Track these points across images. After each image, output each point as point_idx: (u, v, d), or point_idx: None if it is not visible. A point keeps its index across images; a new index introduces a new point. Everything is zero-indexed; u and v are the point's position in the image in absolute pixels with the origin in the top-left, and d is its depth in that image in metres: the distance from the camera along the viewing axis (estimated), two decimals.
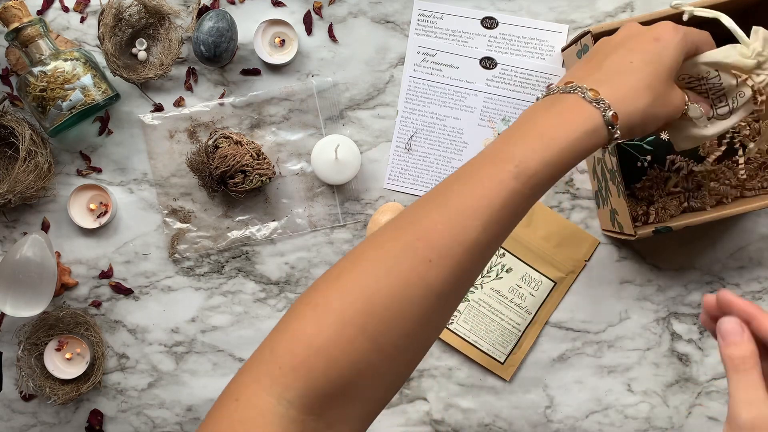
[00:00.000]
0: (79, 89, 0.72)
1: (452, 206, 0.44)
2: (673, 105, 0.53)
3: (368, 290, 0.42)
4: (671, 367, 0.78)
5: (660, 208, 0.72)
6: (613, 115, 0.47)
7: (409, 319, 0.43)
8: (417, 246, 0.43)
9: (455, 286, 0.44)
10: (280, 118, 0.77)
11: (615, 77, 0.50)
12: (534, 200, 0.47)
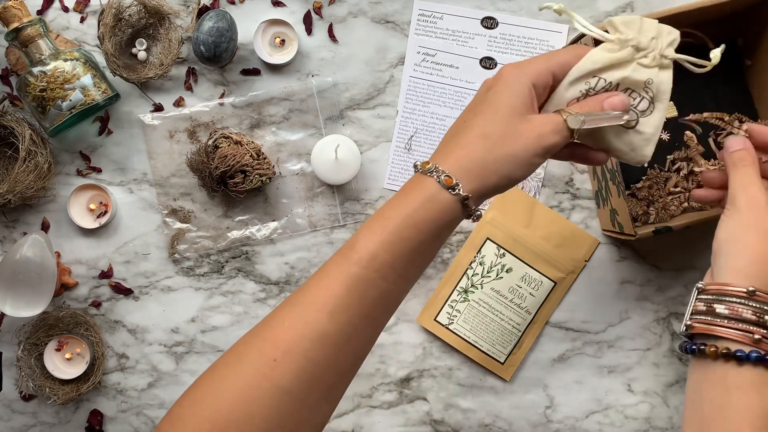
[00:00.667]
0: (79, 89, 0.72)
1: (299, 302, 0.46)
2: (530, 136, 0.48)
3: (217, 396, 0.44)
4: (671, 367, 0.78)
5: (660, 208, 0.72)
6: (446, 178, 0.46)
7: (259, 420, 0.43)
8: (264, 347, 0.44)
9: (309, 382, 0.44)
10: (280, 118, 0.77)
11: (450, 141, 0.49)
12: (389, 283, 0.46)
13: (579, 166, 0.77)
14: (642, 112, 0.53)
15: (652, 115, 0.53)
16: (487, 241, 0.76)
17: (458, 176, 0.47)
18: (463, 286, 0.76)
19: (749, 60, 0.74)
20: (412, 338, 0.78)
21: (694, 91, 0.74)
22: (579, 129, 0.49)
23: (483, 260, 0.76)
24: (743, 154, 0.54)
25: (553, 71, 0.50)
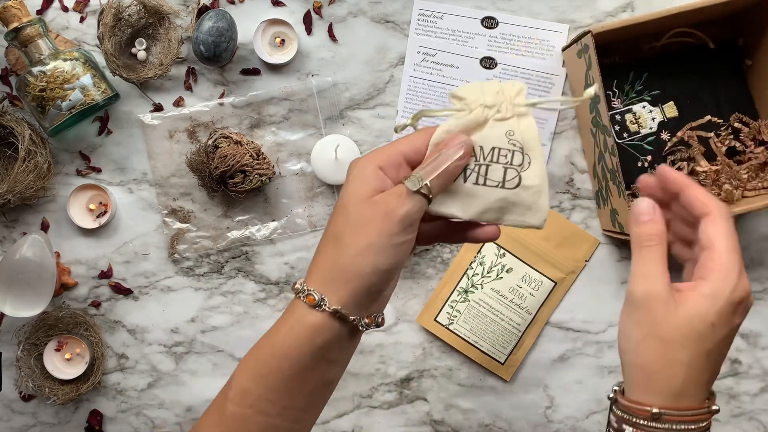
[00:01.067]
0: (78, 89, 0.71)
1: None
2: (378, 218, 0.44)
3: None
4: None
5: None
6: (308, 296, 0.44)
7: None
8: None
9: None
10: (279, 117, 0.77)
11: (315, 253, 0.47)
12: (270, 417, 0.45)
13: (579, 166, 0.77)
14: (519, 166, 0.48)
15: (531, 166, 0.48)
16: None
17: (322, 289, 0.44)
18: (463, 286, 0.76)
19: (749, 60, 0.74)
20: (412, 338, 0.78)
21: (694, 92, 0.74)
22: (423, 186, 0.45)
23: (483, 260, 0.76)
24: (650, 230, 0.45)
25: (402, 151, 0.47)
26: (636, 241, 0.46)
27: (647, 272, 0.45)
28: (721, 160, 0.73)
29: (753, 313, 0.77)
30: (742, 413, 0.78)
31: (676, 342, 0.43)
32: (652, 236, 0.45)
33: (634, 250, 0.46)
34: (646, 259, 0.45)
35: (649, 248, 0.45)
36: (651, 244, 0.45)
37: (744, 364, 0.77)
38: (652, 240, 0.45)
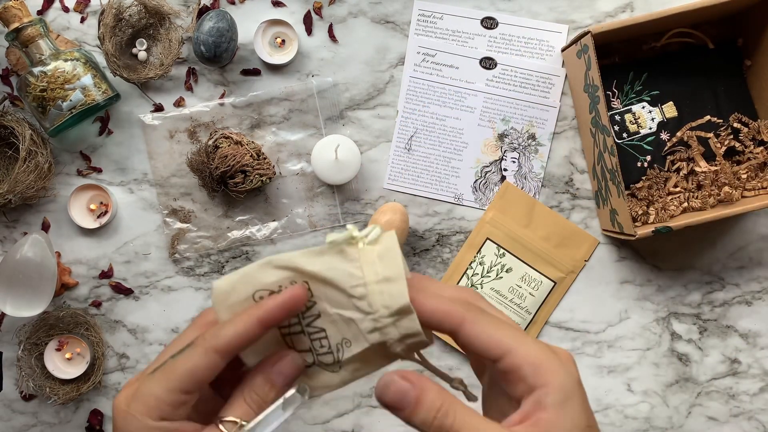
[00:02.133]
0: (79, 89, 0.71)
1: None
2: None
3: None
4: (671, 367, 0.78)
5: (660, 208, 0.73)
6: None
7: None
8: None
9: None
10: (280, 118, 0.77)
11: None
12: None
13: (579, 166, 0.77)
14: (326, 365, 0.40)
15: (333, 375, 0.40)
16: (487, 241, 0.76)
17: None
18: (463, 285, 0.76)
19: (749, 60, 0.74)
20: None
21: (694, 92, 0.74)
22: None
23: (483, 260, 0.76)
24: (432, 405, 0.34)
25: (182, 388, 0.35)
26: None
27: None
28: (720, 161, 0.73)
29: (753, 313, 0.77)
30: (742, 413, 0.78)
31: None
32: (442, 411, 0.34)
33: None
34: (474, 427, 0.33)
35: (456, 424, 0.33)
36: (452, 421, 0.34)
37: (743, 363, 0.78)
38: (447, 416, 0.34)
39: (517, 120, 0.76)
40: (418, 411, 0.34)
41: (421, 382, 0.34)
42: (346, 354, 0.39)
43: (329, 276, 0.38)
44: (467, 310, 0.35)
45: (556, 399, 0.33)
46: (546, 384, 0.33)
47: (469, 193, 0.77)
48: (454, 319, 0.35)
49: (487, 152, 0.77)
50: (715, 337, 0.78)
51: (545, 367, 0.33)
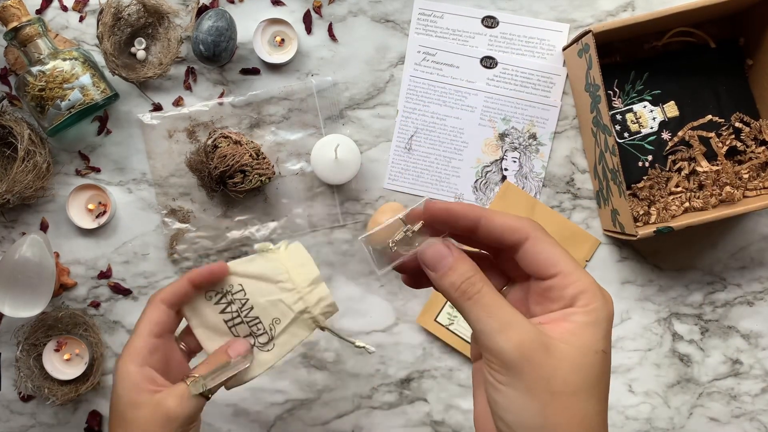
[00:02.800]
0: (77, 89, 0.71)
1: None
2: (152, 422, 0.50)
3: None
4: (672, 367, 0.77)
5: (661, 208, 0.72)
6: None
7: None
8: None
9: None
10: (279, 117, 0.77)
11: None
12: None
13: (580, 166, 0.77)
14: (262, 345, 0.57)
15: (268, 353, 0.57)
16: None
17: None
18: None
19: (750, 59, 0.73)
20: (412, 339, 0.78)
21: (695, 91, 0.74)
22: (206, 390, 0.52)
23: None
24: (463, 273, 0.37)
25: (154, 335, 0.53)
26: (458, 295, 0.36)
27: (504, 322, 0.35)
28: (722, 161, 0.72)
29: (754, 314, 0.77)
30: (743, 414, 0.78)
31: (582, 392, 0.34)
32: (473, 280, 0.36)
33: (465, 306, 0.36)
34: (490, 307, 0.35)
35: (481, 294, 0.36)
36: (479, 289, 0.36)
37: (745, 364, 0.77)
38: (474, 285, 0.36)
39: (517, 119, 0.76)
40: (450, 275, 0.37)
41: (461, 254, 0.38)
42: (277, 330, 0.56)
43: (261, 272, 0.56)
44: (533, 229, 0.37)
45: (583, 319, 0.35)
46: (582, 305, 0.36)
47: (469, 193, 0.77)
48: (521, 233, 0.37)
49: (487, 152, 0.77)
50: (717, 338, 0.77)
51: (589, 294, 0.36)
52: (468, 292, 0.36)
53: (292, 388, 0.78)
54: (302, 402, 0.78)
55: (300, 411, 0.78)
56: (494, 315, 0.35)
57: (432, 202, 0.39)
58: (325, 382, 0.78)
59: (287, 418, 0.78)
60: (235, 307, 0.56)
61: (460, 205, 0.38)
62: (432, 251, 0.38)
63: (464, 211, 0.38)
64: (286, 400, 0.78)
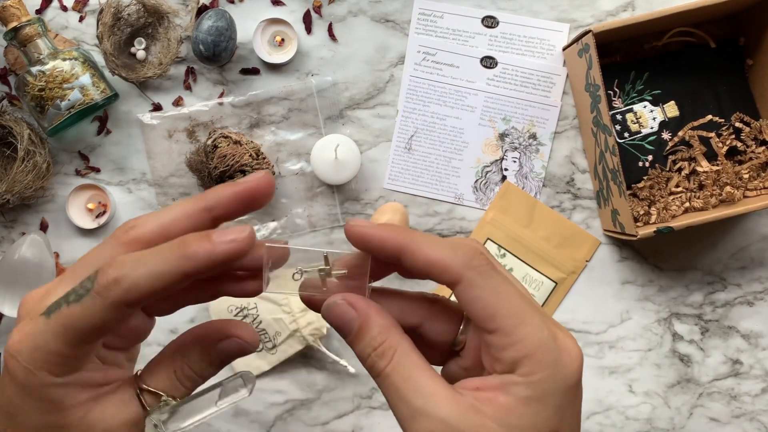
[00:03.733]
0: (77, 89, 0.71)
1: None
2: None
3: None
4: (673, 368, 0.77)
5: (662, 208, 0.72)
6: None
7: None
8: None
9: None
10: (279, 117, 0.77)
11: None
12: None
13: (580, 166, 0.77)
14: (269, 349, 0.75)
15: (274, 356, 0.75)
16: (488, 241, 0.76)
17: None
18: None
19: (751, 59, 0.73)
20: None
21: (695, 91, 0.74)
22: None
23: None
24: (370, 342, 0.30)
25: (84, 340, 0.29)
26: (367, 369, 0.30)
27: (414, 409, 0.28)
28: (722, 161, 0.72)
29: (754, 314, 0.77)
30: (743, 414, 0.78)
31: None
32: (378, 351, 0.30)
33: (377, 384, 0.30)
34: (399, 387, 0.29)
35: (391, 368, 0.29)
36: (387, 362, 0.30)
37: (745, 364, 0.77)
38: (383, 356, 0.30)
39: (517, 119, 0.76)
40: (356, 342, 0.31)
41: (367, 311, 0.31)
42: (279, 340, 0.73)
43: (270, 295, 0.71)
44: (467, 268, 0.30)
45: (524, 393, 0.28)
46: (525, 374, 0.28)
47: (469, 193, 0.77)
48: (450, 275, 0.30)
49: (487, 152, 0.77)
50: (717, 338, 0.77)
51: (534, 360, 0.29)
52: (375, 367, 0.30)
53: (291, 388, 0.78)
54: (302, 402, 0.78)
55: (300, 411, 0.78)
56: (404, 398, 0.29)
57: (351, 225, 0.31)
58: (325, 382, 0.78)
59: (287, 418, 0.78)
60: (249, 320, 0.73)
61: (377, 231, 0.31)
62: (336, 312, 0.31)
63: (381, 239, 0.30)
64: (286, 400, 0.78)
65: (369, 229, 0.31)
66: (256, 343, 0.33)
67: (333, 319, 0.31)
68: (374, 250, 0.31)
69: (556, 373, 0.29)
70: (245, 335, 0.33)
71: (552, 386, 0.29)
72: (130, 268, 0.28)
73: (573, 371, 0.29)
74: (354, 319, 0.31)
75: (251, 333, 0.33)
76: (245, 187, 0.31)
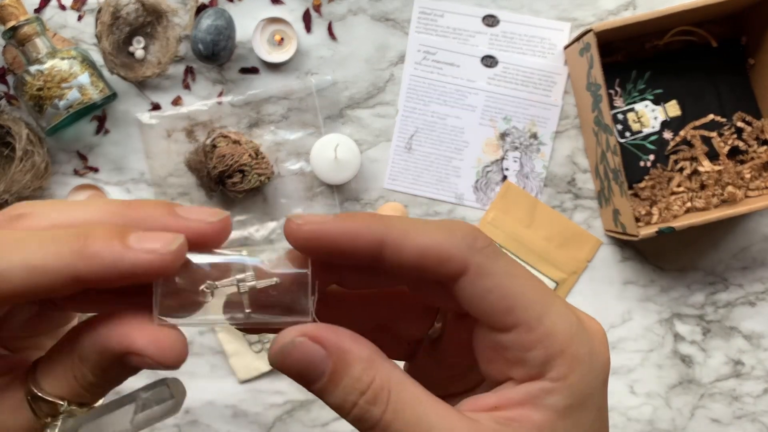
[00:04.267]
0: (76, 88, 0.71)
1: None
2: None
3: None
4: (674, 368, 0.77)
5: (663, 208, 0.72)
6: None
7: None
8: None
9: None
10: (278, 117, 0.77)
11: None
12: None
13: (581, 165, 0.76)
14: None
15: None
16: None
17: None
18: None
19: (752, 59, 0.73)
20: None
21: (697, 91, 0.73)
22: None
23: None
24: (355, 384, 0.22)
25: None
26: (352, 422, 0.23)
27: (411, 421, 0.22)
28: (724, 161, 0.72)
29: (756, 314, 0.77)
30: (745, 415, 0.77)
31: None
32: (370, 396, 0.22)
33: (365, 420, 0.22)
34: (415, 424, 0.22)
35: (391, 415, 0.22)
36: (381, 411, 0.22)
37: (747, 365, 0.77)
38: (377, 402, 0.22)
39: (518, 119, 0.76)
40: (332, 389, 0.22)
41: (339, 344, 0.22)
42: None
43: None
44: (474, 252, 0.23)
45: (563, 403, 0.22)
46: (558, 377, 0.22)
47: (470, 193, 0.77)
48: (455, 263, 0.23)
49: (488, 151, 0.76)
50: (719, 339, 0.77)
51: (568, 356, 0.22)
52: (368, 418, 0.22)
53: (291, 389, 0.78)
54: (302, 403, 0.78)
55: (299, 412, 0.78)
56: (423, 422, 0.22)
57: (297, 224, 0.23)
58: None
59: (286, 419, 0.78)
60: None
61: (342, 226, 0.22)
62: (297, 357, 0.22)
63: (351, 236, 0.22)
64: (285, 401, 0.78)
65: (328, 226, 0.22)
66: (173, 359, 0.23)
67: (293, 367, 0.22)
68: (341, 253, 0.23)
69: (592, 367, 0.23)
70: (155, 351, 0.22)
71: (591, 385, 0.23)
72: (3, 250, 0.21)
73: (606, 359, 0.24)
74: (323, 359, 0.22)
75: (169, 343, 0.23)
76: (188, 226, 0.23)
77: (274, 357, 0.23)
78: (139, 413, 0.24)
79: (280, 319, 0.23)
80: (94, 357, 0.23)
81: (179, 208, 0.23)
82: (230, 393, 0.56)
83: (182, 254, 0.22)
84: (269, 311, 0.23)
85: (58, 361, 0.24)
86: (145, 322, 0.23)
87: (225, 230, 0.23)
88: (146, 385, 0.25)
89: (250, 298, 0.23)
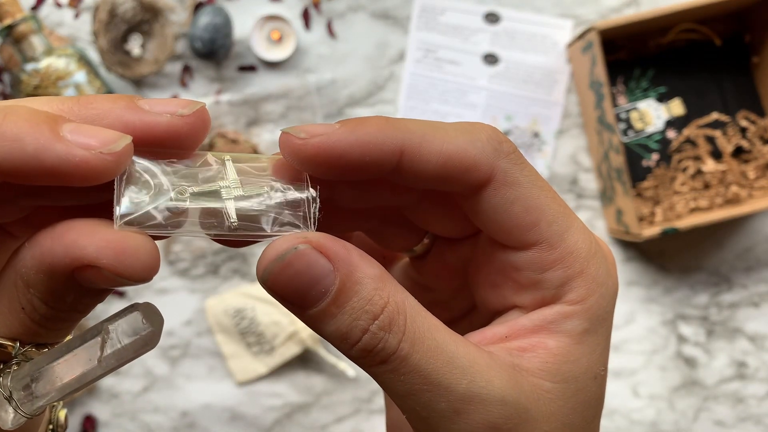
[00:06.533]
0: (72, 86, 0.70)
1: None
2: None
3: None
4: (678, 370, 0.76)
5: (667, 208, 0.71)
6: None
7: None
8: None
9: None
10: (277, 115, 0.76)
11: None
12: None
13: (584, 165, 0.76)
14: (267, 351, 0.75)
15: (272, 358, 0.74)
16: None
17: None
18: None
19: (756, 57, 0.72)
20: None
21: (701, 89, 0.73)
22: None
23: None
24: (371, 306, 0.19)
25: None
26: (360, 360, 0.19)
27: (459, 396, 0.19)
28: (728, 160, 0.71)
29: (760, 315, 0.76)
30: (749, 417, 0.76)
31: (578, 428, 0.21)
32: (382, 323, 0.19)
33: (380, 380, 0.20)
34: (428, 372, 0.19)
35: (409, 345, 0.19)
36: (397, 341, 0.19)
37: (751, 366, 0.76)
38: (394, 329, 0.19)
39: (520, 117, 0.75)
40: (337, 311, 0.19)
41: (348, 258, 0.19)
42: (276, 342, 0.73)
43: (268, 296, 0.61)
44: (499, 158, 0.20)
45: (580, 327, 0.21)
46: (577, 299, 0.21)
47: None
48: (480, 171, 0.20)
49: None
50: (723, 340, 0.76)
51: (588, 277, 0.21)
52: (384, 348, 0.18)
53: (290, 391, 0.77)
54: (300, 406, 0.77)
55: (298, 415, 0.77)
56: (438, 385, 0.19)
57: (296, 137, 0.20)
58: (323, 386, 0.77)
59: (285, 422, 0.77)
60: (246, 323, 0.73)
61: (353, 135, 0.19)
62: (299, 267, 0.19)
63: (368, 141, 0.19)
64: (284, 404, 0.77)
65: (338, 136, 0.19)
66: (139, 269, 0.19)
67: (291, 282, 0.19)
68: (351, 168, 0.19)
69: (608, 289, 0.21)
70: (113, 260, 0.18)
71: (606, 309, 0.21)
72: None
73: (617, 282, 0.22)
74: (328, 274, 0.18)
75: (131, 247, 0.18)
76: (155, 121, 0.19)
77: (267, 269, 0.19)
78: (107, 349, 0.19)
79: (274, 229, 0.19)
80: (40, 278, 0.18)
81: (143, 101, 0.19)
82: (228, 395, 0.55)
83: (125, 157, 0.18)
84: (258, 222, 0.19)
85: (0, 292, 0.19)
86: (101, 226, 0.18)
87: (201, 125, 0.19)
88: (113, 314, 0.20)
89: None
